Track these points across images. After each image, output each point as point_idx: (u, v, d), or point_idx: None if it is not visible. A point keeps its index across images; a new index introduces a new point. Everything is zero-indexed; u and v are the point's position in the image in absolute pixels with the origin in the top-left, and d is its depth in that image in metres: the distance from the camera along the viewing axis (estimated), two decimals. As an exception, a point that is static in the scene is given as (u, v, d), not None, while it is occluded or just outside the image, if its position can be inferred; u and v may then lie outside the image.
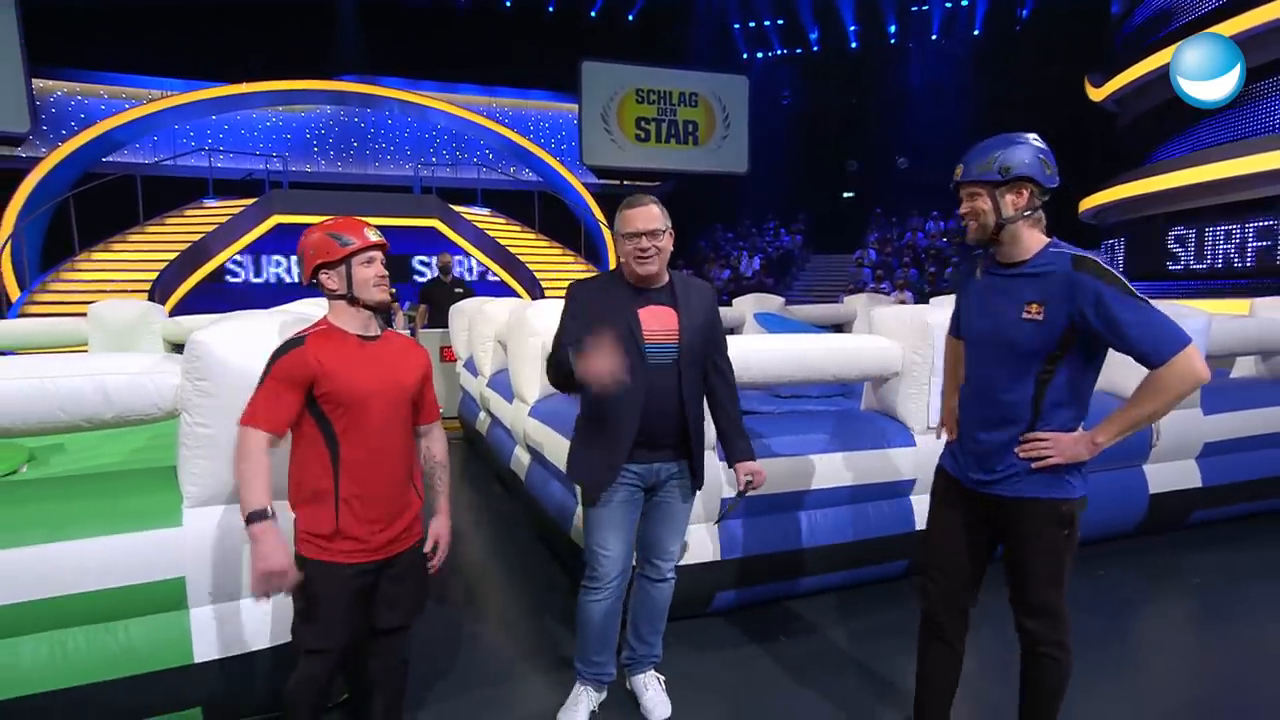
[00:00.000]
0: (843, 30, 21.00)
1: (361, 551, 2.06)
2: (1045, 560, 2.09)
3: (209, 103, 16.19)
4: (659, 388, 2.42)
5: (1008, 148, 2.03)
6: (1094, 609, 3.51)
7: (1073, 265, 1.94)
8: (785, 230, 20.81)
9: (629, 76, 19.92)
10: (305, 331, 2.06)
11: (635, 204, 2.43)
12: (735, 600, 3.40)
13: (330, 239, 2.06)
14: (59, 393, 2.30)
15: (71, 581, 2.25)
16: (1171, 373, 1.87)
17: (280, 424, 1.99)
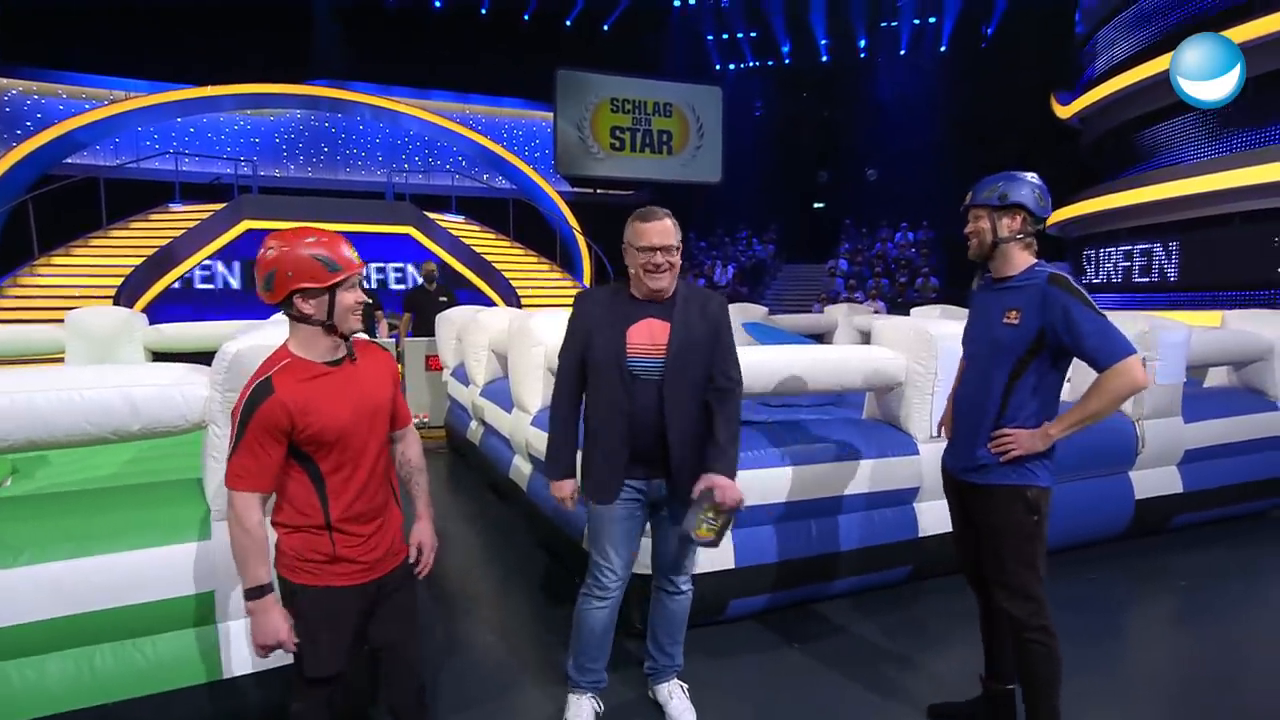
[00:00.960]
0: (814, 44, 21.39)
1: (358, 572, 1.98)
2: (1016, 544, 2.35)
3: (175, 105, 15.85)
4: (643, 404, 2.40)
5: (1009, 181, 2.37)
6: (1087, 610, 3.63)
7: (1047, 280, 2.28)
8: (757, 240, 21.05)
9: (604, 86, 20.01)
10: (269, 372, 1.87)
11: (650, 217, 2.39)
12: (749, 607, 3.45)
13: (316, 263, 1.85)
14: (86, 405, 2.27)
15: (99, 597, 2.22)
16: (1114, 376, 2.19)
17: (271, 479, 1.86)
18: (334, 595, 1.96)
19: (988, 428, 2.37)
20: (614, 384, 2.41)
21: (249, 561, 1.84)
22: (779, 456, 3.42)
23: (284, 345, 1.95)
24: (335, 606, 1.97)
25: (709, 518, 2.36)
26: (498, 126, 20.32)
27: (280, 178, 17.99)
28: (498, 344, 5.60)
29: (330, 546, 1.92)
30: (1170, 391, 4.34)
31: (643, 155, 20.60)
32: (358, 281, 1.93)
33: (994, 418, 2.36)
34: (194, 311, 12.18)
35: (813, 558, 3.49)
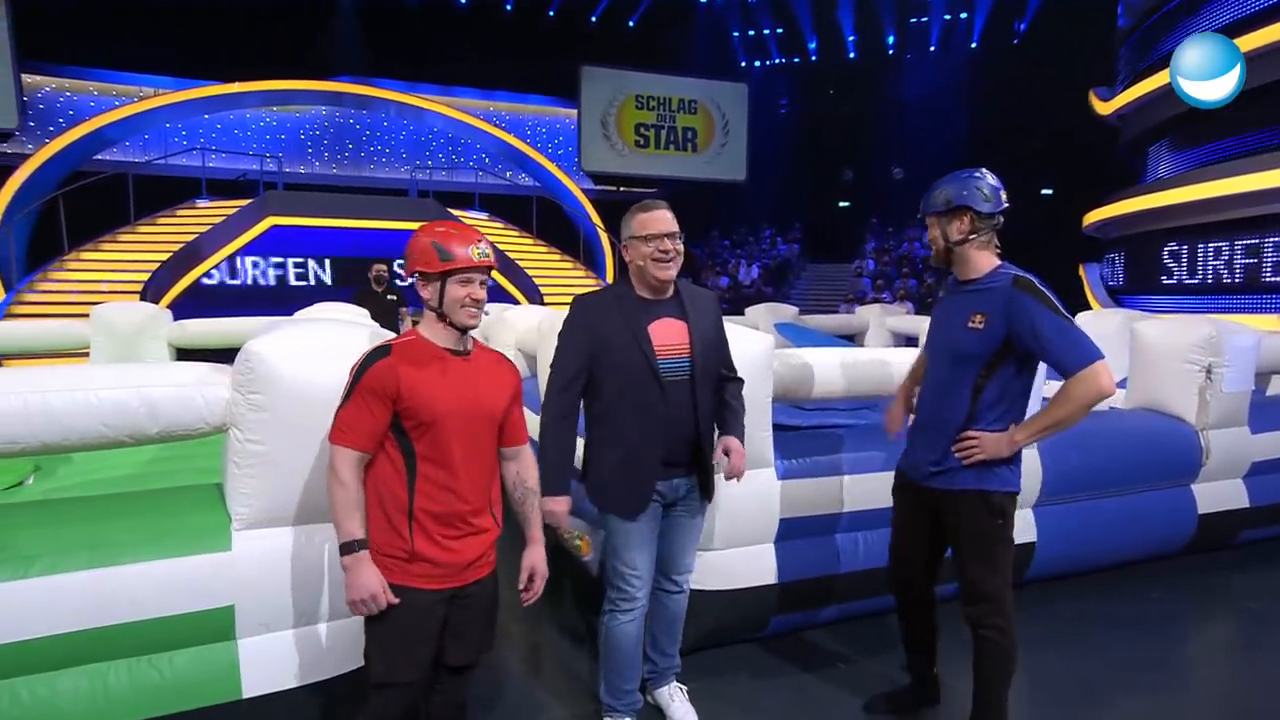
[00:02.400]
0: (841, 40, 21.06)
1: (436, 576, 1.93)
2: (980, 547, 2.36)
3: (202, 101, 15.90)
4: (675, 404, 2.35)
5: (951, 184, 2.38)
6: (1148, 631, 3.42)
7: (1012, 283, 2.25)
8: (782, 239, 20.79)
9: (629, 82, 19.83)
10: (392, 341, 1.95)
11: (651, 207, 2.37)
12: (793, 623, 3.27)
13: (433, 249, 1.91)
14: (102, 406, 2.14)
15: (114, 611, 2.09)
16: (1080, 383, 2.14)
17: (373, 440, 1.88)
18: (411, 595, 1.91)
19: (952, 432, 2.34)
20: (645, 388, 2.32)
21: (342, 515, 1.86)
22: (820, 465, 3.24)
23: (415, 328, 2.03)
24: (413, 606, 1.91)
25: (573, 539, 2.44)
26: (522, 123, 20.21)
27: (305, 174, 18.01)
28: (525, 343, 5.45)
29: (409, 540, 1.89)
30: (1237, 400, 4.10)
31: (667, 153, 20.40)
32: (475, 279, 1.94)
33: (960, 423, 2.33)
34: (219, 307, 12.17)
35: (862, 572, 3.30)
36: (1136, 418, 4.22)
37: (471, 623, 2.04)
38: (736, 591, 3.08)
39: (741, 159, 20.90)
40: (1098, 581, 3.91)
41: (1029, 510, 3.71)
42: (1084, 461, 3.77)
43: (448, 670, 2.06)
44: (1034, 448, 3.66)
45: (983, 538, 2.36)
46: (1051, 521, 3.73)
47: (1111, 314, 6.24)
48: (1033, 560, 3.71)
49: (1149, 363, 4.32)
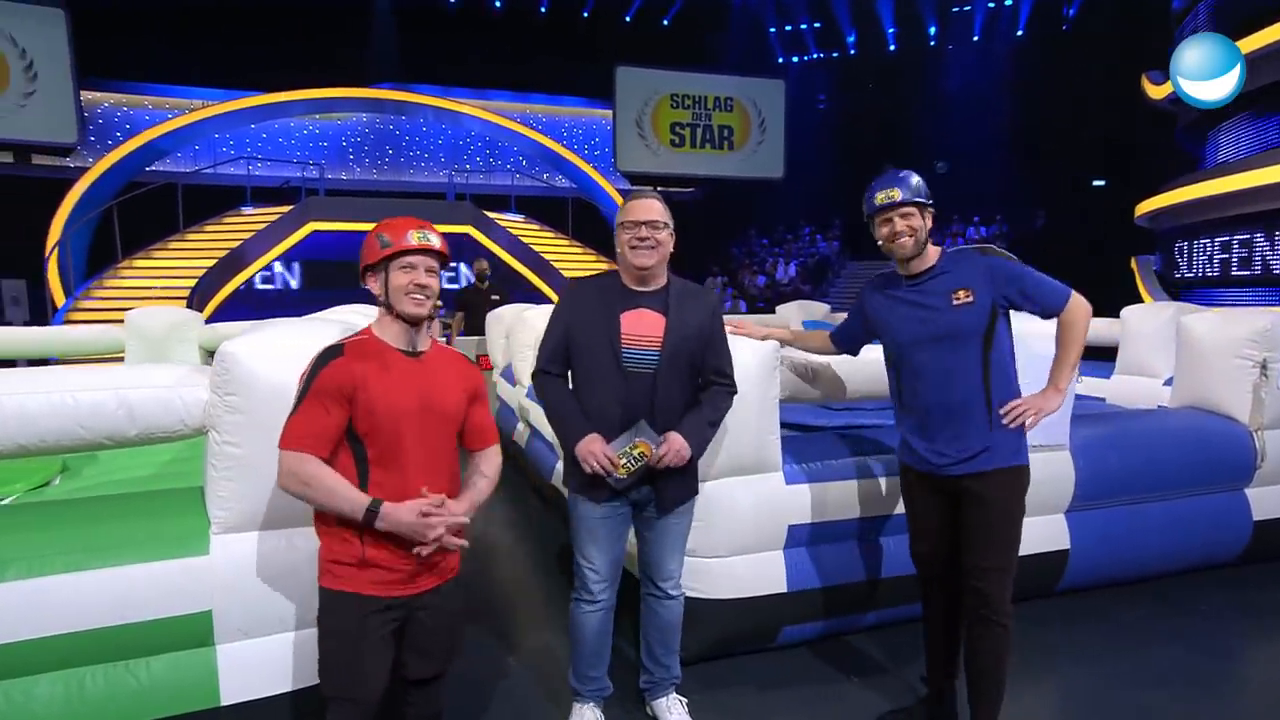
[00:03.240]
0: (881, 33, 20.56)
1: (390, 583, 1.84)
2: (1009, 525, 2.37)
3: (248, 111, 16.30)
4: (635, 398, 2.30)
5: (918, 180, 2.41)
6: (1197, 648, 3.17)
7: (982, 254, 2.37)
8: (821, 236, 20.41)
9: (664, 81, 19.68)
10: (344, 340, 1.88)
11: (638, 197, 2.38)
12: (803, 634, 3.11)
13: (375, 241, 1.89)
14: (79, 408, 2.11)
15: (89, 616, 2.05)
16: (1077, 311, 2.34)
17: (328, 444, 1.80)
18: (363, 604, 1.82)
19: (980, 415, 2.32)
20: (606, 372, 2.31)
21: (336, 499, 1.77)
22: (834, 469, 3.08)
23: (368, 326, 1.95)
24: (363, 614, 1.82)
25: (632, 455, 2.25)
26: (558, 125, 20.24)
27: (347, 180, 18.31)
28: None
29: (359, 545, 1.80)
30: (1294, 398, 3.80)
31: (703, 151, 20.18)
32: (419, 265, 1.87)
33: (982, 404, 2.32)
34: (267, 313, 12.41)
35: (875, 581, 3.13)
36: (1183, 417, 3.95)
37: (433, 633, 1.95)
38: (743, 600, 2.94)
39: (779, 156, 20.58)
40: (1140, 592, 3.66)
41: (1061, 516, 3.49)
42: (1123, 463, 3.53)
43: (414, 684, 1.98)
44: (1066, 449, 3.44)
45: (1011, 515, 2.37)
46: (1087, 528, 3.50)
47: (1161, 308, 5.89)
48: (1066, 569, 3.48)
49: (1197, 358, 4.04)
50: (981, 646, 2.39)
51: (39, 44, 15.64)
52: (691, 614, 2.89)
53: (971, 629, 2.42)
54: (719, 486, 2.89)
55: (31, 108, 15.79)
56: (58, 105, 15.93)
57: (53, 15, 15.71)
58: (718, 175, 20.45)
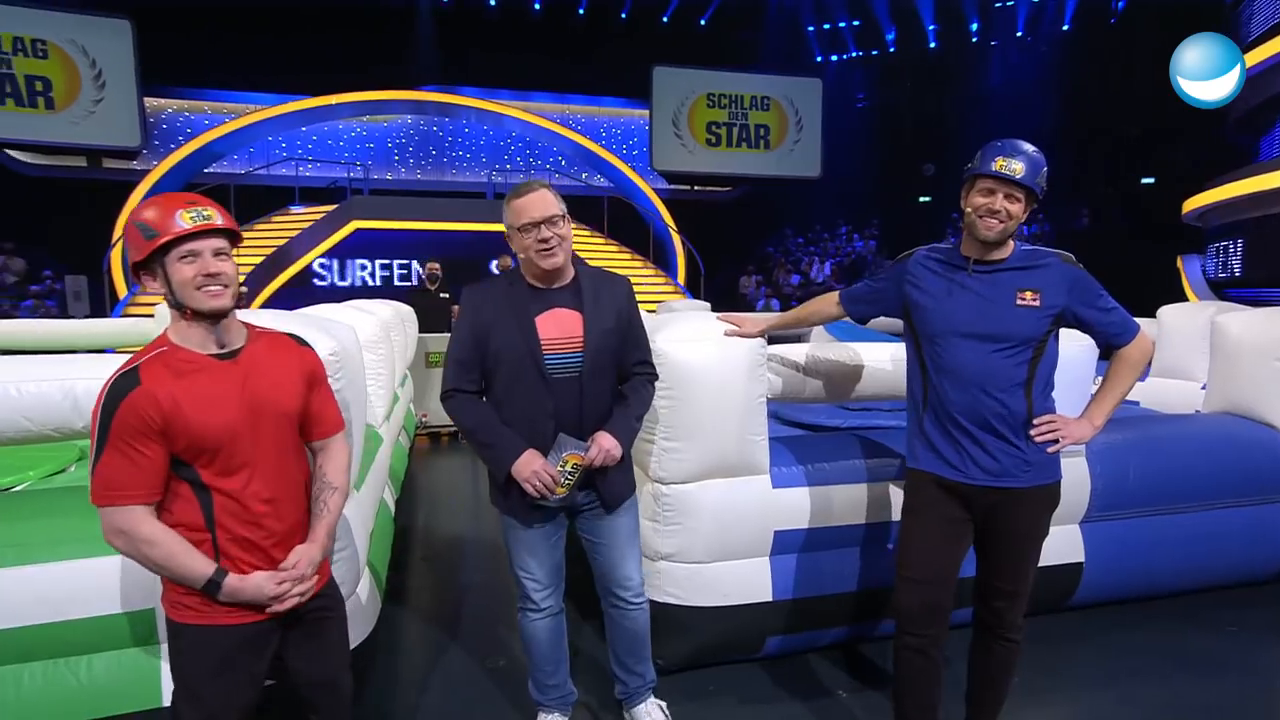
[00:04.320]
0: (921, 30, 19.88)
1: (250, 611, 1.62)
2: (1038, 543, 2.17)
3: (298, 114, 16.56)
4: (562, 403, 2.11)
5: (1045, 165, 2.11)
6: (1226, 669, 2.88)
7: (1063, 261, 2.11)
8: (858, 235, 19.90)
9: (700, 81, 19.36)
10: (136, 361, 1.56)
11: (525, 191, 2.10)
12: (791, 645, 2.90)
13: (137, 231, 1.53)
14: (23, 400, 2.02)
15: (30, 611, 1.97)
16: (1139, 350, 2.15)
17: (155, 489, 1.54)
18: (224, 635, 1.60)
19: (1019, 426, 2.08)
20: (531, 383, 2.09)
21: (181, 565, 1.54)
22: (826, 472, 2.86)
23: (164, 332, 1.63)
24: (226, 650, 1.61)
25: (566, 471, 2.05)
26: (596, 125, 20.10)
27: (392, 180, 18.46)
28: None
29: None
30: (1340, 404, 3.44)
31: (739, 150, 19.80)
32: (205, 250, 1.54)
33: (1021, 417, 2.08)
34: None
35: (866, 592, 2.91)
36: (1215, 423, 3.62)
37: (316, 640, 1.77)
38: (725, 609, 2.75)
39: (815, 155, 20.08)
40: (1162, 609, 3.36)
41: (1075, 526, 3.20)
42: (1145, 472, 3.23)
43: (308, 689, 1.80)
44: (1082, 456, 3.15)
45: (1041, 533, 2.18)
46: (1104, 540, 3.22)
47: (1200, 307, 5.49)
48: (1080, 583, 3.20)
49: (1232, 360, 3.70)
50: (991, 659, 2.25)
51: (107, 54, 16.12)
52: (670, 621, 2.74)
53: (981, 641, 2.26)
54: (698, 489, 2.70)
55: (100, 114, 16.28)
56: (123, 111, 16.39)
57: (119, 26, 16.17)
58: (754, 174, 20.06)
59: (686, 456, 2.65)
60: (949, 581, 2.17)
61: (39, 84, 15.83)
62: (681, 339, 2.61)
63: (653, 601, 2.70)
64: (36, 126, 15.92)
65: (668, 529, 2.71)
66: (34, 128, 15.92)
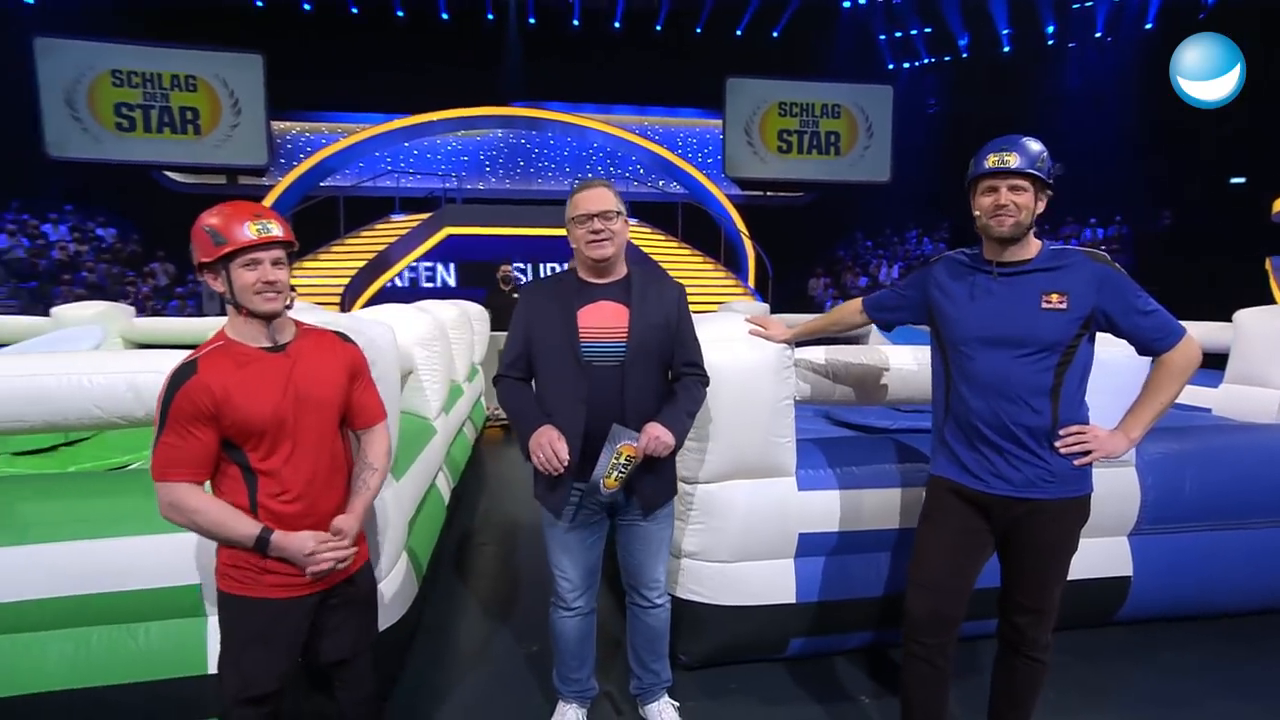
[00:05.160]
0: (995, 34, 18.79)
1: (292, 585, 1.68)
2: (1064, 558, 1.96)
3: (401, 131, 17.17)
4: (601, 393, 2.01)
5: (1042, 148, 1.89)
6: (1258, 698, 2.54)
7: (1092, 260, 1.88)
8: (928, 238, 19.04)
9: (772, 90, 18.96)
10: (197, 354, 1.63)
11: (585, 187, 2.08)
12: (815, 647, 2.75)
13: (206, 236, 1.61)
14: (93, 390, 2.11)
15: (95, 580, 2.06)
16: (1183, 356, 1.87)
17: (206, 467, 1.62)
18: (266, 608, 1.66)
19: (1042, 436, 1.87)
20: (567, 370, 2.02)
21: (226, 529, 1.61)
22: (854, 476, 2.68)
23: (222, 328, 1.71)
24: (267, 621, 1.67)
25: (620, 464, 1.93)
26: (673, 135, 20.00)
27: (484, 189, 18.91)
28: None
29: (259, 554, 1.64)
30: None
31: (810, 157, 19.27)
32: (265, 260, 1.62)
33: (1047, 428, 1.87)
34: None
35: (901, 596, 2.71)
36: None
37: (344, 620, 1.80)
38: (748, 609, 2.63)
39: (885, 160, 19.34)
40: (1213, 630, 3.01)
41: (1124, 539, 2.91)
42: (1202, 484, 2.90)
43: (333, 666, 1.83)
44: (1131, 465, 2.86)
45: (1068, 548, 1.95)
46: (1154, 554, 2.91)
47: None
48: (1127, 598, 2.90)
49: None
50: (1015, 676, 2.04)
51: (243, 85, 17.27)
52: (694, 619, 2.63)
53: (1005, 657, 2.06)
54: (722, 489, 2.58)
55: (236, 138, 17.46)
56: (254, 134, 17.50)
57: (253, 60, 17.29)
58: (824, 180, 19.51)
59: (711, 457, 2.53)
60: (961, 592, 1.99)
61: (189, 113, 17.15)
62: (708, 340, 2.48)
63: (676, 598, 2.62)
64: (186, 150, 17.26)
65: (692, 527, 2.60)
66: (184, 151, 17.27)
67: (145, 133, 17.00)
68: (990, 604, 2.10)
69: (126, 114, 16.90)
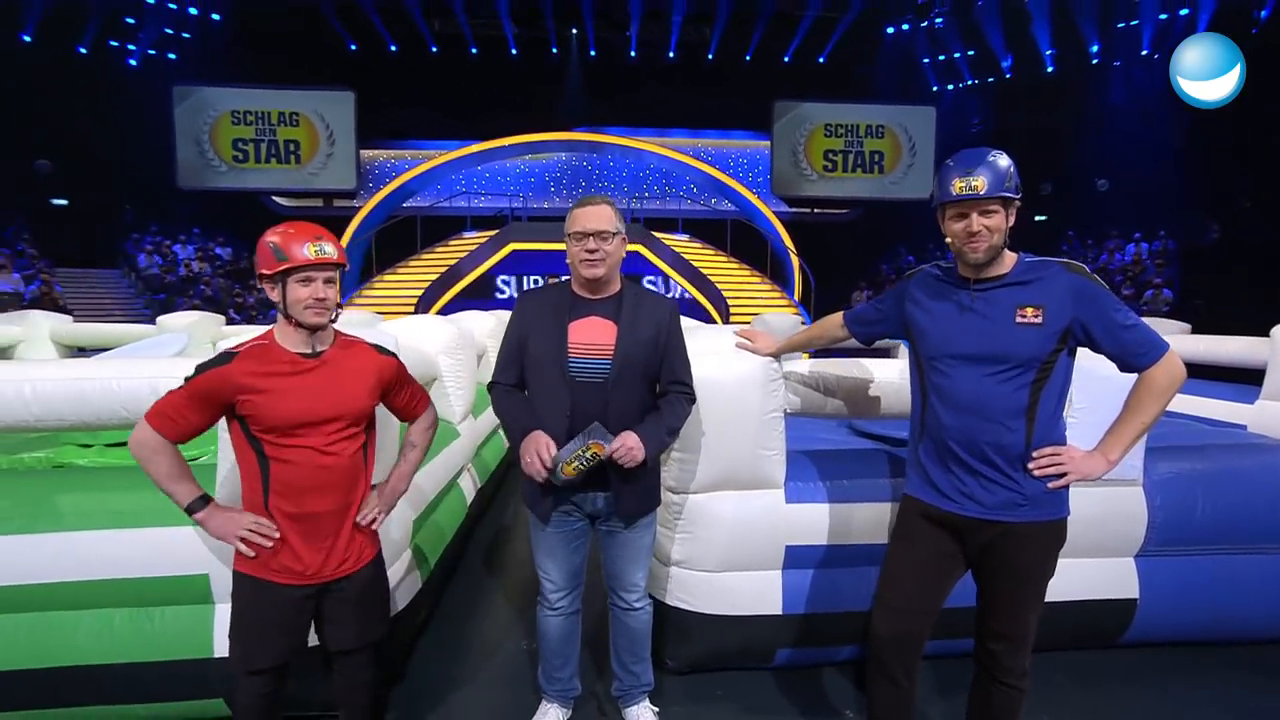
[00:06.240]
0: (1038, 55, 17.82)
1: (297, 573, 1.69)
2: (1039, 585, 1.77)
3: (474, 156, 17.54)
4: (585, 409, 1.90)
5: (1009, 164, 1.71)
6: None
7: (1068, 271, 1.70)
8: (971, 253, 18.20)
9: (818, 112, 18.55)
10: (240, 347, 1.69)
11: (586, 203, 1.97)
12: (802, 659, 2.58)
13: (269, 250, 1.66)
14: (121, 393, 2.14)
15: (118, 566, 2.09)
16: (1165, 373, 1.67)
17: (180, 435, 1.65)
18: (269, 591, 1.69)
19: (1015, 456, 1.70)
20: (553, 384, 1.92)
21: (171, 482, 1.65)
22: (844, 489, 2.50)
23: (272, 328, 1.76)
24: (269, 603, 1.70)
25: (585, 457, 1.84)
26: (724, 156, 19.79)
27: (548, 208, 19.10)
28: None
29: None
30: None
31: (854, 175, 18.75)
32: (318, 279, 1.66)
33: (1019, 448, 1.69)
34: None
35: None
36: (1316, 457, 2.85)
37: (349, 611, 1.78)
38: (734, 618, 2.48)
39: (928, 178, 18.59)
40: (1224, 656, 2.68)
41: (1129, 560, 2.62)
42: (1215, 505, 2.59)
43: (337, 654, 1.82)
44: (1138, 484, 2.58)
45: (1043, 574, 1.77)
46: (1162, 576, 2.62)
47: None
48: (1133, 621, 2.62)
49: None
50: (991, 702, 1.85)
51: (336, 118, 18.14)
52: (680, 625, 2.51)
53: (980, 682, 1.87)
54: (709, 499, 2.45)
55: (330, 165, 18.35)
56: (346, 162, 18.35)
57: (345, 97, 18.15)
58: (867, 197, 18.95)
59: (698, 468, 2.41)
60: (928, 614, 1.83)
61: (292, 145, 18.16)
62: (694, 354, 2.36)
63: (663, 605, 2.50)
64: (289, 178, 18.26)
65: (680, 536, 2.48)
66: (287, 179, 18.27)
67: (256, 163, 18.01)
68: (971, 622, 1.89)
69: (242, 148, 17.96)
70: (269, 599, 1.69)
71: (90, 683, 2.08)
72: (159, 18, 17.14)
